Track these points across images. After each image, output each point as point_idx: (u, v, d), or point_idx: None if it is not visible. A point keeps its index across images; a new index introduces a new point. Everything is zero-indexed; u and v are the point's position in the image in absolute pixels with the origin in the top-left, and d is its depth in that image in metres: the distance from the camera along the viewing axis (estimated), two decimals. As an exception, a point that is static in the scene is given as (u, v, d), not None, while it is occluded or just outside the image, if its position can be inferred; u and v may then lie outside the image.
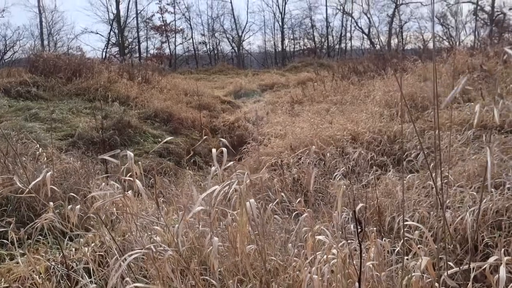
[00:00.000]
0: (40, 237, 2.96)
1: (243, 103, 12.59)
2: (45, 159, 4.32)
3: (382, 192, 3.32)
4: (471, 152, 4.57)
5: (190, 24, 35.69)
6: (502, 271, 1.37)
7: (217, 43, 36.62)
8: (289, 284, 1.77)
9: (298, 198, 2.42)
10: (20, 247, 2.72)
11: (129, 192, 1.57)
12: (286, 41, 36.11)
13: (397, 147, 5.39)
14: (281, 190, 4.48)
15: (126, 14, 32.48)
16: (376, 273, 1.63)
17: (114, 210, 2.71)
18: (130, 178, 1.48)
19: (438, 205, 2.32)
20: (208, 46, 36.39)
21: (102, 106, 9.10)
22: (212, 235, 1.37)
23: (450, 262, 1.73)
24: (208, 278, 1.80)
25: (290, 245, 1.81)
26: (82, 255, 2.24)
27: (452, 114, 6.01)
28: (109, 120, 7.73)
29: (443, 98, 6.45)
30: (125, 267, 1.38)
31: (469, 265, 1.61)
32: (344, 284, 1.54)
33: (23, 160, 4.41)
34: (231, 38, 36.02)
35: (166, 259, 1.35)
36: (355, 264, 1.53)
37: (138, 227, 1.91)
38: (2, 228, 2.52)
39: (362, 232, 1.46)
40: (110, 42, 33.23)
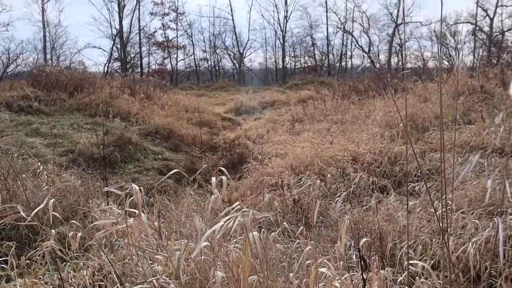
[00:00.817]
0: (37, 257, 2.93)
1: (243, 120, 12.62)
2: (46, 176, 4.30)
3: (383, 216, 3.30)
4: (472, 175, 4.56)
5: (192, 41, 36.06)
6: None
7: (219, 60, 36.97)
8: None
9: (300, 227, 2.40)
10: (17, 267, 2.70)
11: (131, 220, 1.56)
12: (287, 58, 36.45)
13: (398, 169, 5.38)
14: (282, 211, 4.47)
15: (129, 30, 32.86)
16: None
17: (114, 232, 2.69)
18: (134, 210, 1.47)
19: (441, 232, 2.31)
20: (209, 62, 36.72)
21: (103, 122, 9.13)
22: (215, 269, 1.35)
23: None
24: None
25: (291, 274, 1.80)
26: (81, 279, 2.21)
27: (452, 136, 6.02)
28: (110, 136, 7.73)
29: (444, 119, 6.43)
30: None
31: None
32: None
33: (24, 177, 4.40)
34: (232, 55, 36.35)
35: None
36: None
37: (138, 254, 1.89)
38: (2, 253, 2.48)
39: (366, 269, 1.44)
40: (112, 57, 33.52)
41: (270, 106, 14.96)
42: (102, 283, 2.41)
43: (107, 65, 33.11)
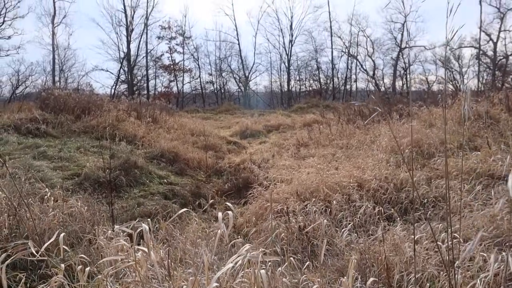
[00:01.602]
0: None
1: (249, 144, 12.66)
2: (52, 202, 4.32)
3: (389, 246, 3.27)
4: (479, 203, 4.53)
5: (198, 64, 36.54)
6: None
7: (224, 83, 37.36)
8: None
9: (306, 256, 2.39)
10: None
11: (139, 255, 1.57)
12: (292, 82, 36.77)
13: (404, 196, 5.35)
14: (287, 238, 4.44)
15: (136, 53, 33.40)
16: None
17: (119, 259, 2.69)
18: (143, 248, 1.48)
19: (448, 265, 2.28)
20: (215, 85, 37.11)
21: (110, 145, 9.20)
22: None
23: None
24: None
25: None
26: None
27: (458, 162, 6.00)
28: (116, 160, 7.77)
29: (449, 145, 6.43)
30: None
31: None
32: None
33: (30, 202, 4.42)
34: (238, 78, 36.75)
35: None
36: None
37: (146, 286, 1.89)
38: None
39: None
40: (119, 79, 33.98)
41: (275, 130, 15.03)
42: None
43: (114, 87, 33.55)
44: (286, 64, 35.87)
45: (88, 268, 1.71)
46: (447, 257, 1.53)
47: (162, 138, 10.78)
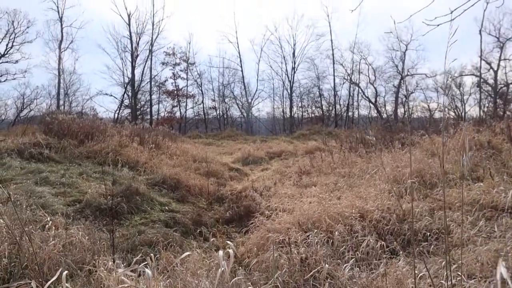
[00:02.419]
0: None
1: (251, 171, 12.65)
2: (53, 231, 4.31)
3: (392, 281, 3.23)
4: (482, 236, 4.49)
5: (201, 90, 37.01)
6: None
7: (227, 109, 37.73)
8: None
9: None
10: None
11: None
12: (295, 108, 37.10)
13: (407, 227, 5.31)
14: (289, 270, 4.39)
15: (140, 78, 33.87)
16: None
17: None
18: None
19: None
20: (218, 111, 37.48)
21: (112, 171, 9.22)
22: None
23: None
24: None
25: None
26: None
27: (461, 193, 5.97)
28: (118, 186, 7.78)
29: (451, 175, 6.41)
30: None
31: None
32: None
33: (31, 230, 4.41)
34: (240, 104, 37.11)
35: None
36: None
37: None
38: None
39: None
40: (123, 104, 34.33)
41: (278, 157, 15.05)
42: None
43: (117, 111, 33.88)
44: (289, 91, 36.30)
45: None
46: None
47: (164, 164, 10.80)
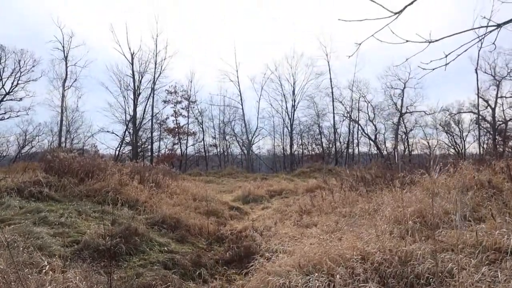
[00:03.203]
0: None
1: (251, 209, 12.56)
2: (50, 276, 4.24)
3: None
4: (487, 280, 4.41)
5: (202, 127, 37.34)
6: None
7: (227, 146, 37.94)
8: None
9: None
10: None
11: None
12: (295, 146, 37.27)
13: (409, 270, 5.22)
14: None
15: (142, 116, 34.24)
16: None
17: None
18: None
19: None
20: (218, 148, 37.66)
21: (112, 210, 9.15)
22: None
23: None
24: None
25: None
26: None
27: (463, 235, 5.91)
28: (117, 227, 7.70)
29: (452, 215, 6.37)
30: None
31: None
32: None
33: (27, 273, 4.34)
34: (241, 141, 37.31)
35: None
36: None
37: None
38: None
39: None
40: (124, 141, 34.52)
41: (278, 195, 14.98)
42: None
43: (118, 149, 34.01)
44: (289, 128, 36.58)
45: None
46: None
47: (164, 204, 10.74)
